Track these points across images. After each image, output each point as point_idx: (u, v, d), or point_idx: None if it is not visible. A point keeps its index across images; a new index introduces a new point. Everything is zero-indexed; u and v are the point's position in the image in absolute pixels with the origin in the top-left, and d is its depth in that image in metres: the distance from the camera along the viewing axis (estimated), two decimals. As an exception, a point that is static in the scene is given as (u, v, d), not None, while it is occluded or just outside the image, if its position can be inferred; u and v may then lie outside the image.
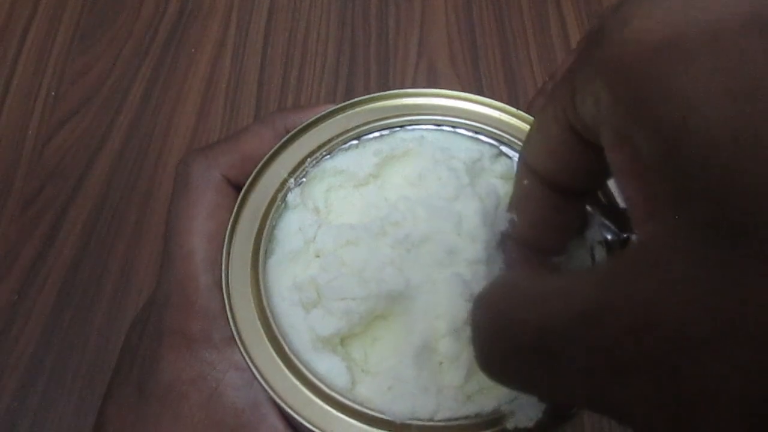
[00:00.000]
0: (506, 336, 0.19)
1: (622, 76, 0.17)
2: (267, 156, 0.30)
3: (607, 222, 0.28)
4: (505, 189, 0.30)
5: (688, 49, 0.15)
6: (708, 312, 0.14)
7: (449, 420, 0.25)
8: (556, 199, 0.24)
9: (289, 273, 0.28)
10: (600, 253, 0.28)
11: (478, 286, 0.26)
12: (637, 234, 0.17)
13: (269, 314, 0.27)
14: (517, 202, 0.26)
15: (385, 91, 0.33)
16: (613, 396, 0.16)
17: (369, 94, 0.33)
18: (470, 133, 0.32)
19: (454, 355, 0.26)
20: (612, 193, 0.29)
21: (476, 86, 0.63)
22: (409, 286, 0.27)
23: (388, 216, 0.28)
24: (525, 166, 0.24)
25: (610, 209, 0.28)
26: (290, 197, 0.30)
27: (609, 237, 0.27)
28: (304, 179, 0.30)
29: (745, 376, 0.13)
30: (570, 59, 0.29)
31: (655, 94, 0.16)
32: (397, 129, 0.32)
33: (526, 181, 0.24)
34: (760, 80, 0.14)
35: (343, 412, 0.25)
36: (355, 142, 0.31)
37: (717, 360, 0.14)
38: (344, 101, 0.32)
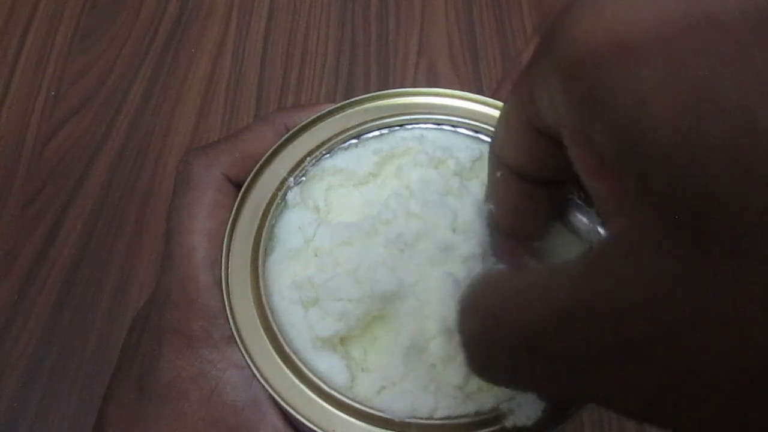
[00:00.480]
0: (490, 337, 0.19)
1: (575, 76, 0.17)
2: (267, 155, 0.30)
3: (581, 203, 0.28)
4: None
5: (638, 49, 0.15)
6: (674, 303, 0.14)
7: (448, 418, 0.25)
8: (528, 188, 0.24)
9: (289, 272, 0.28)
10: (582, 230, 0.28)
11: None
12: (606, 229, 0.17)
13: (269, 313, 0.27)
14: (491, 193, 0.26)
15: (385, 90, 0.33)
16: (597, 387, 0.16)
17: (369, 93, 0.33)
18: (470, 133, 0.32)
19: (446, 356, 0.26)
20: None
21: (476, 86, 0.63)
22: (403, 285, 0.26)
23: (380, 214, 0.28)
24: (495, 158, 0.25)
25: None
26: (290, 196, 0.30)
27: (585, 219, 0.28)
28: (304, 178, 0.30)
29: (712, 360, 0.14)
30: (528, 49, 0.29)
31: (608, 94, 0.16)
32: (397, 128, 0.32)
33: (498, 173, 0.25)
34: (707, 78, 0.14)
35: (342, 411, 0.25)
36: (354, 141, 0.31)
37: (686, 347, 0.14)
38: (344, 101, 0.32)
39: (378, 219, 0.28)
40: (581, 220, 0.27)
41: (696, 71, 0.14)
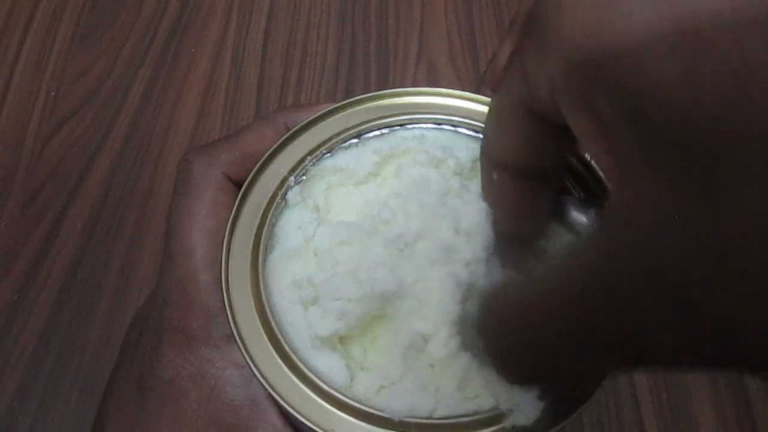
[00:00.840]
0: (524, 344, 0.19)
1: (574, 43, 0.17)
2: (267, 154, 0.30)
3: (576, 193, 0.29)
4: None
5: (631, 10, 0.16)
6: (699, 241, 0.14)
7: (447, 418, 0.25)
8: (525, 186, 0.25)
9: (289, 271, 0.28)
10: (582, 231, 0.29)
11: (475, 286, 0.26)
12: (613, 197, 0.17)
13: (269, 312, 0.27)
14: (489, 198, 0.27)
15: (386, 90, 0.33)
16: (642, 350, 0.16)
17: (369, 93, 0.33)
18: (471, 132, 0.32)
19: (445, 356, 0.26)
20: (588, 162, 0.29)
21: (476, 86, 0.63)
22: (403, 285, 0.26)
23: (379, 214, 0.28)
24: (488, 160, 0.25)
25: (583, 179, 0.29)
26: (290, 195, 0.30)
27: (585, 219, 0.28)
28: (304, 177, 0.30)
29: (742, 295, 0.14)
30: (505, 44, 0.30)
31: (608, 56, 0.16)
32: (398, 128, 0.32)
33: (494, 175, 0.25)
34: (703, 32, 0.15)
35: (341, 410, 0.25)
36: (355, 140, 0.31)
37: (717, 287, 0.14)
38: (344, 100, 0.32)
39: (378, 219, 0.28)
40: (581, 220, 0.27)
41: (690, 25, 0.15)
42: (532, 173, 0.24)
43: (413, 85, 0.63)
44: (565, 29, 0.18)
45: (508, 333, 0.20)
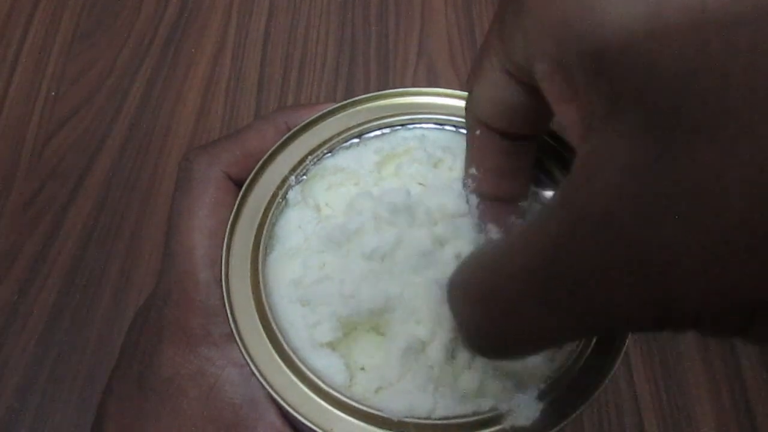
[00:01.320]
0: (493, 302, 0.19)
1: (547, 7, 0.18)
2: (268, 153, 0.30)
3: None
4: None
5: None
6: (657, 199, 0.15)
7: (446, 418, 0.25)
8: (507, 144, 0.26)
9: (289, 270, 0.28)
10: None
11: None
12: (577, 158, 0.17)
13: (268, 311, 0.27)
14: (473, 156, 0.27)
15: (387, 90, 0.33)
16: (611, 306, 0.16)
17: (370, 93, 0.33)
18: None
19: (445, 359, 0.26)
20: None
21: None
22: (389, 298, 0.26)
23: (347, 225, 0.28)
24: (473, 118, 0.26)
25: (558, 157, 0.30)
26: (291, 195, 0.30)
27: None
28: (305, 177, 0.30)
29: (695, 243, 0.15)
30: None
31: (574, 14, 0.17)
32: (399, 128, 0.32)
33: (478, 132, 0.26)
34: None
35: (340, 410, 0.25)
36: (356, 140, 0.31)
37: (676, 235, 0.15)
38: (344, 100, 0.32)
39: (349, 230, 0.28)
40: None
41: None
42: (511, 132, 0.25)
43: (413, 85, 0.63)
44: None
45: (474, 290, 0.20)
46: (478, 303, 0.20)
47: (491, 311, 0.19)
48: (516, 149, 0.26)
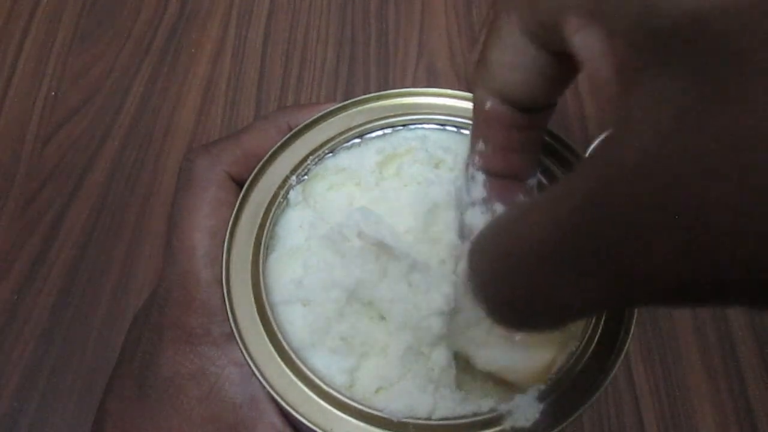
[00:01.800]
0: (511, 261, 0.18)
1: None
2: (269, 153, 0.30)
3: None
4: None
5: None
6: (713, 143, 0.13)
7: (446, 419, 0.25)
8: (518, 116, 0.24)
9: (289, 270, 0.28)
10: None
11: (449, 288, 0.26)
12: (614, 115, 0.16)
13: (268, 311, 0.27)
14: (482, 131, 0.26)
15: (388, 90, 0.33)
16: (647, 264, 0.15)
17: (371, 93, 0.33)
18: None
19: (445, 362, 0.26)
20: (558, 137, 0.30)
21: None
22: (383, 300, 0.26)
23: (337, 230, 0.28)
24: (485, 89, 0.24)
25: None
26: (292, 195, 0.30)
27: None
28: (306, 177, 0.30)
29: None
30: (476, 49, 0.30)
31: None
32: (400, 128, 0.32)
33: (489, 104, 0.24)
34: None
35: (340, 410, 0.25)
36: (357, 140, 0.31)
37: (733, 184, 0.13)
38: (345, 100, 0.32)
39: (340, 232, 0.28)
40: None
41: None
42: (526, 102, 0.24)
43: (413, 86, 0.63)
44: None
45: (497, 260, 0.19)
46: (500, 265, 0.19)
47: (514, 275, 0.18)
48: (529, 121, 0.25)
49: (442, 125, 0.32)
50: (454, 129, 0.32)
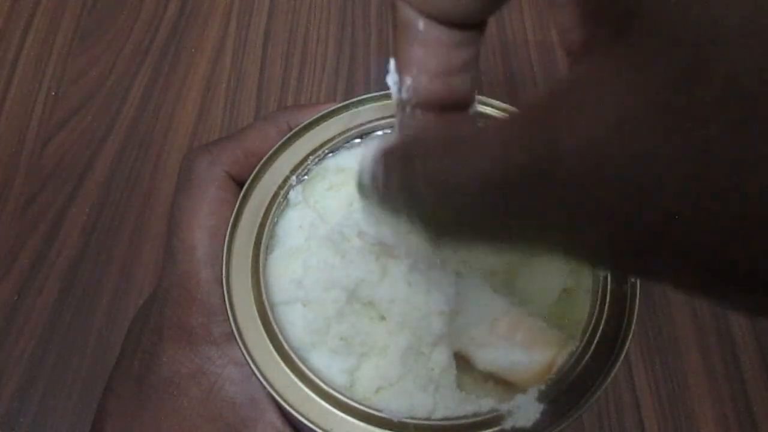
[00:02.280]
0: (454, 181, 0.17)
1: None
2: (270, 153, 0.30)
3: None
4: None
5: None
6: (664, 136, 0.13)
7: (446, 419, 0.25)
8: (457, 36, 0.22)
9: (289, 270, 0.28)
10: None
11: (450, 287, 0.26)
12: (574, 68, 0.15)
13: (269, 310, 0.27)
14: (413, 58, 0.23)
15: (388, 90, 0.33)
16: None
17: (371, 93, 0.33)
18: None
19: (446, 362, 0.26)
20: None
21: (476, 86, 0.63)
22: (383, 300, 0.26)
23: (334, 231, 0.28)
24: (415, 9, 0.22)
25: None
26: (292, 195, 0.30)
27: None
28: (306, 177, 0.30)
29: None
30: None
31: None
32: None
33: (421, 26, 0.22)
34: None
35: (340, 410, 0.25)
36: (358, 140, 0.31)
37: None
38: (346, 100, 0.32)
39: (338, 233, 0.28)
40: None
41: None
42: (460, 17, 0.22)
43: (413, 86, 0.63)
44: None
45: (433, 166, 0.17)
46: (446, 185, 0.17)
47: (456, 196, 0.17)
48: (466, 40, 0.23)
49: None
50: None
